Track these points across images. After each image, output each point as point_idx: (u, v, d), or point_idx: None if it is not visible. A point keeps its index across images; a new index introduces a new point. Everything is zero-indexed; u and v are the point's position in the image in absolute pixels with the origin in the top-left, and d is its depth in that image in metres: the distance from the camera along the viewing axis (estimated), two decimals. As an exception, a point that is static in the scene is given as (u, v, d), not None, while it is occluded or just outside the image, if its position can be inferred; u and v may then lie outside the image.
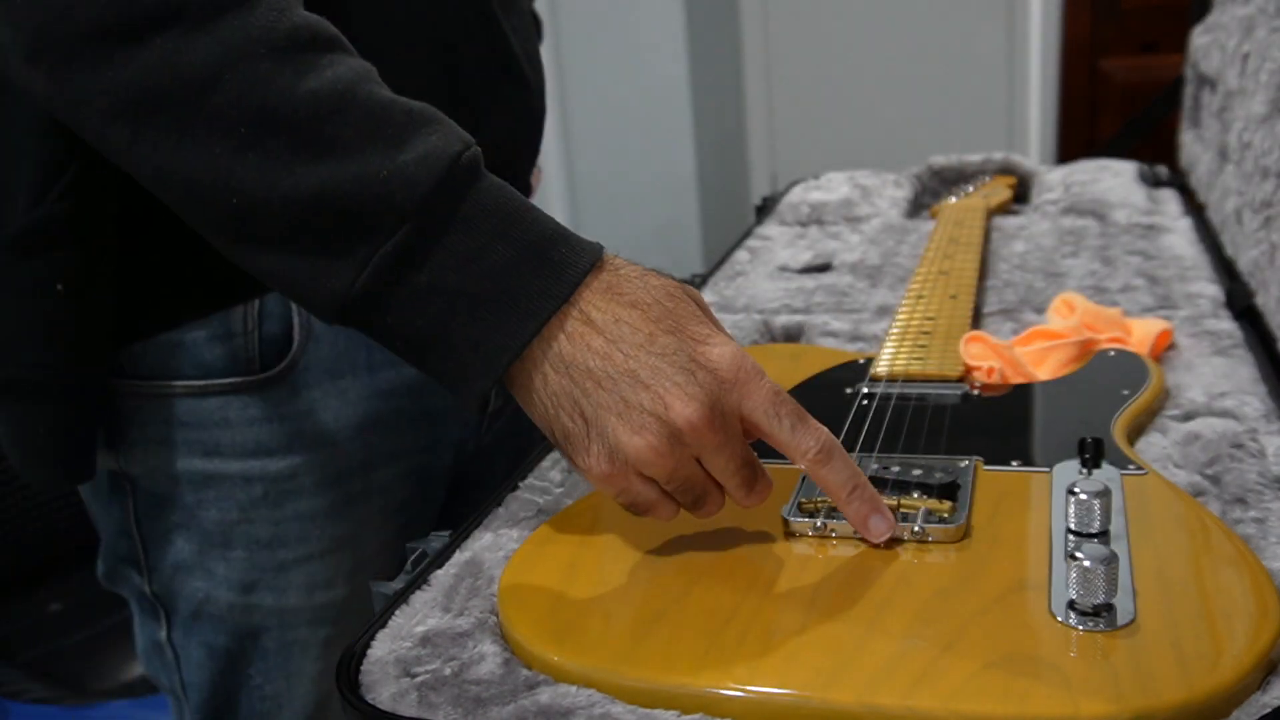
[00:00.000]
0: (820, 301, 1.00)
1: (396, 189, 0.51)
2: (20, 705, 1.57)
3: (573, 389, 0.53)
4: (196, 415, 0.71)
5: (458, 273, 0.52)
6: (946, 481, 0.59)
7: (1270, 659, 0.45)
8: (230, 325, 0.70)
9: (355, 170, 0.51)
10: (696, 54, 3.15)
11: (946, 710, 0.43)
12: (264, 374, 0.71)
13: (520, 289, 0.52)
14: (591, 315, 0.53)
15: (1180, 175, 1.36)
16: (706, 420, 0.51)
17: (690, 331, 0.53)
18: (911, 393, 0.72)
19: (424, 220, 0.52)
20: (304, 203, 0.52)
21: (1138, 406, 0.68)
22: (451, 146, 0.53)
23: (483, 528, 0.64)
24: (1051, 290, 0.96)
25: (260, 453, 0.72)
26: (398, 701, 0.49)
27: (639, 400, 0.51)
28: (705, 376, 0.52)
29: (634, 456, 0.52)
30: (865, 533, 0.54)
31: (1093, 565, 0.47)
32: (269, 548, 0.74)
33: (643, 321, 0.53)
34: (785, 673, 0.46)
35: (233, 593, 0.74)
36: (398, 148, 0.52)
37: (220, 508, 0.73)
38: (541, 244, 0.53)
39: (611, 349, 0.52)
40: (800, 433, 0.53)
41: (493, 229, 0.53)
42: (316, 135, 0.52)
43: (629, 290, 0.54)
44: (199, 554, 0.74)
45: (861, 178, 1.40)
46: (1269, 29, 0.96)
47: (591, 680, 0.48)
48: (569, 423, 0.53)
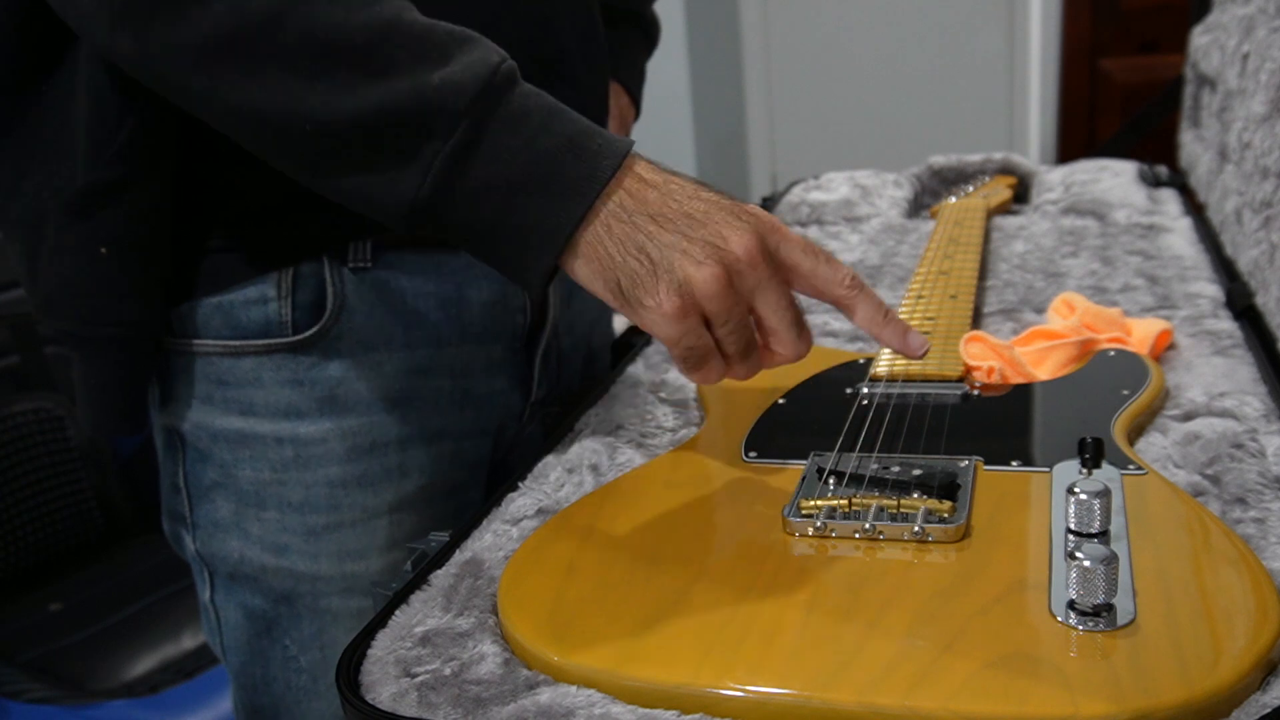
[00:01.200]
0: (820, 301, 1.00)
1: (447, 95, 0.57)
2: (20, 705, 1.57)
3: (637, 233, 0.58)
4: (233, 374, 0.74)
5: (509, 164, 0.58)
6: (946, 481, 0.59)
7: (1270, 659, 0.45)
8: (266, 290, 0.73)
9: (409, 84, 0.57)
10: (696, 54, 3.15)
11: (946, 710, 0.43)
12: (296, 337, 0.74)
13: (565, 173, 0.58)
14: (644, 175, 0.59)
15: (1180, 175, 1.36)
16: (759, 250, 0.58)
17: (726, 195, 0.60)
18: (911, 393, 0.72)
19: (474, 119, 0.58)
20: (368, 118, 0.58)
21: (1138, 406, 0.68)
22: (490, 57, 0.59)
23: (483, 528, 0.64)
24: (1051, 290, 0.96)
25: (291, 415, 0.75)
26: (398, 701, 0.49)
27: (699, 235, 0.58)
28: (750, 218, 0.59)
29: (700, 287, 0.57)
30: (907, 349, 0.64)
31: (1093, 565, 0.47)
32: (299, 511, 0.76)
33: (686, 183, 0.60)
34: (785, 672, 0.46)
35: (266, 554, 0.77)
36: (444, 62, 0.58)
37: (254, 467, 0.75)
38: (580, 136, 0.59)
39: (666, 199, 0.59)
40: (836, 266, 0.62)
41: (536, 125, 0.59)
42: (373, 59, 0.58)
43: (669, 170, 0.61)
44: (235, 513, 0.77)
45: (861, 178, 1.40)
46: (1269, 29, 0.96)
47: (591, 680, 0.48)
48: (636, 265, 0.58)
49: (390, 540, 0.78)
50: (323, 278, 0.74)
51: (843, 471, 0.61)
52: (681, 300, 0.57)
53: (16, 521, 1.74)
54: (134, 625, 1.69)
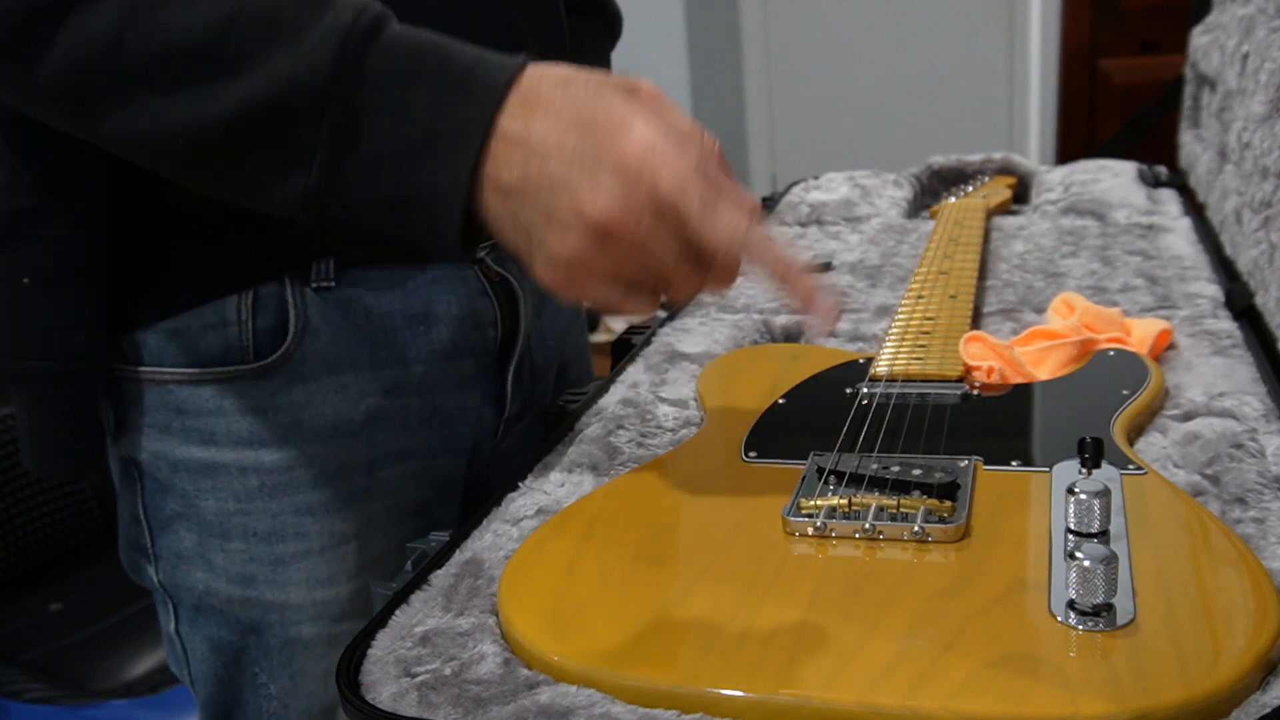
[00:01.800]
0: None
1: (304, 76, 0.53)
2: (20, 705, 1.57)
3: (504, 207, 0.54)
4: (193, 403, 0.72)
5: (390, 132, 0.54)
6: (946, 481, 0.59)
7: (1270, 659, 0.45)
8: (225, 314, 0.70)
9: (264, 74, 0.54)
10: (696, 54, 3.15)
11: (946, 710, 0.43)
12: (258, 364, 0.71)
13: (448, 125, 0.54)
14: (508, 130, 0.53)
15: (1180, 175, 1.36)
16: (621, 215, 0.51)
17: (602, 124, 0.52)
18: (911, 392, 0.72)
19: (339, 95, 0.54)
20: (235, 120, 0.54)
21: (1137, 406, 0.68)
22: (342, 17, 0.54)
23: (483, 528, 0.64)
24: (1051, 290, 0.96)
25: (255, 443, 0.72)
26: (398, 701, 0.49)
27: (557, 205, 0.52)
28: (609, 172, 0.52)
29: (571, 259, 0.53)
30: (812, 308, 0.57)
31: (1092, 565, 0.47)
32: (267, 541, 0.74)
33: (554, 128, 0.53)
34: (785, 673, 0.46)
35: (232, 585, 0.74)
36: (297, 38, 0.54)
37: (218, 497, 0.73)
38: (457, 75, 0.54)
39: (528, 161, 0.53)
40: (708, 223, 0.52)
41: (405, 78, 0.54)
42: (223, 56, 0.54)
43: (545, 96, 0.54)
44: (199, 544, 0.74)
45: (861, 178, 1.40)
46: (1269, 29, 0.96)
47: (591, 680, 0.48)
48: (515, 238, 0.55)
49: (359, 564, 0.76)
50: (284, 299, 0.71)
51: (842, 471, 0.61)
52: (558, 272, 0.54)
53: (16, 521, 1.74)
54: (134, 625, 1.69)
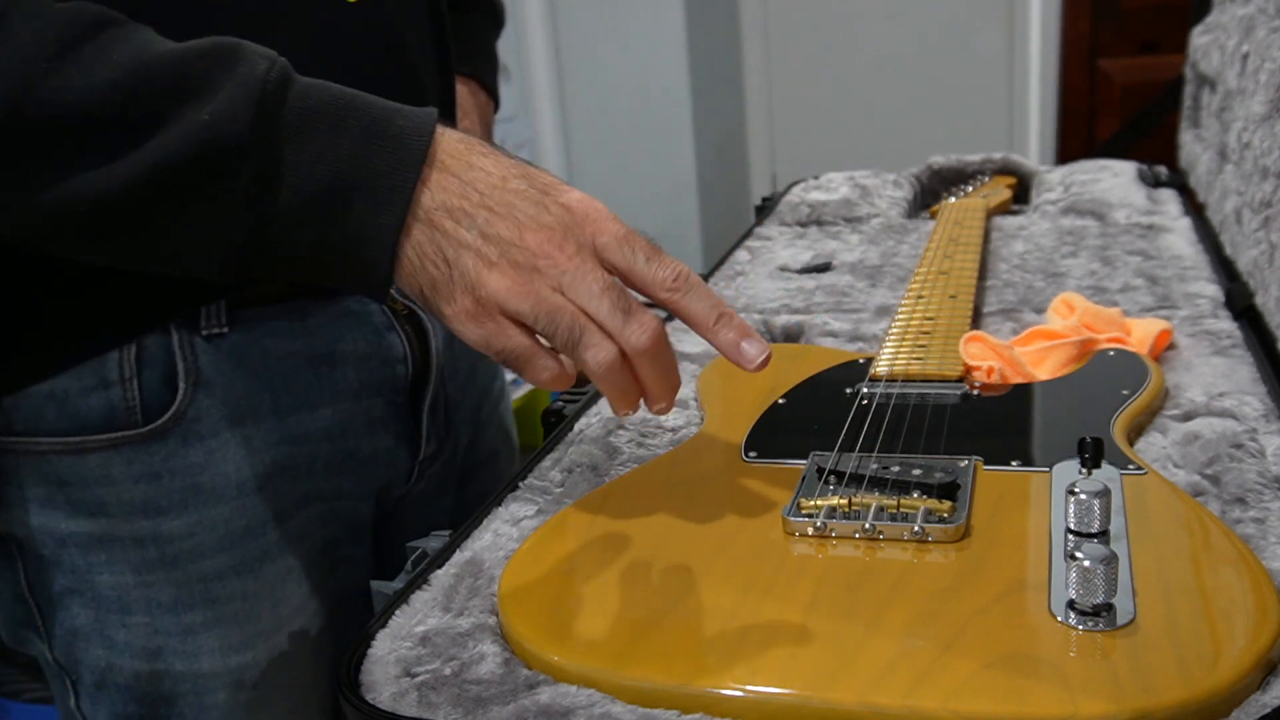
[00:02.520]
0: (820, 301, 1.00)
1: (223, 129, 0.51)
2: (20, 705, 1.56)
3: (433, 234, 0.53)
4: (77, 473, 0.66)
5: (312, 180, 0.53)
6: (946, 481, 0.59)
7: (1270, 659, 0.45)
8: (105, 373, 0.65)
9: (179, 131, 0.51)
10: (696, 54, 3.15)
11: (946, 710, 0.43)
12: (146, 427, 0.65)
13: (375, 171, 0.53)
14: (446, 163, 0.54)
15: (1180, 175, 1.36)
16: (559, 243, 0.53)
17: (541, 180, 0.55)
18: (911, 392, 0.72)
19: (259, 146, 0.52)
20: (145, 181, 0.52)
21: (1137, 406, 0.68)
22: (256, 68, 0.53)
23: (483, 528, 0.64)
24: (1051, 290, 0.96)
25: (151, 512, 0.66)
26: (398, 701, 0.49)
27: (494, 231, 0.53)
28: (557, 209, 0.53)
29: (493, 288, 0.52)
30: (740, 359, 0.55)
31: (1092, 565, 0.47)
32: (172, 612, 0.68)
33: (495, 166, 0.54)
34: (785, 672, 0.46)
35: (138, 660, 0.69)
36: (210, 92, 0.52)
37: (113, 571, 0.67)
38: (378, 124, 0.54)
39: (467, 189, 0.53)
40: (655, 265, 0.54)
41: (328, 127, 0.53)
42: (131, 119, 0.51)
43: (477, 145, 0.55)
44: (96, 620, 0.69)
45: (861, 178, 1.40)
46: (1269, 29, 0.96)
47: (591, 680, 0.48)
48: (434, 270, 0.53)
49: (274, 623, 0.71)
50: (171, 351, 0.65)
51: (842, 471, 0.61)
52: (476, 304, 0.53)
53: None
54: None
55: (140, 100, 0.51)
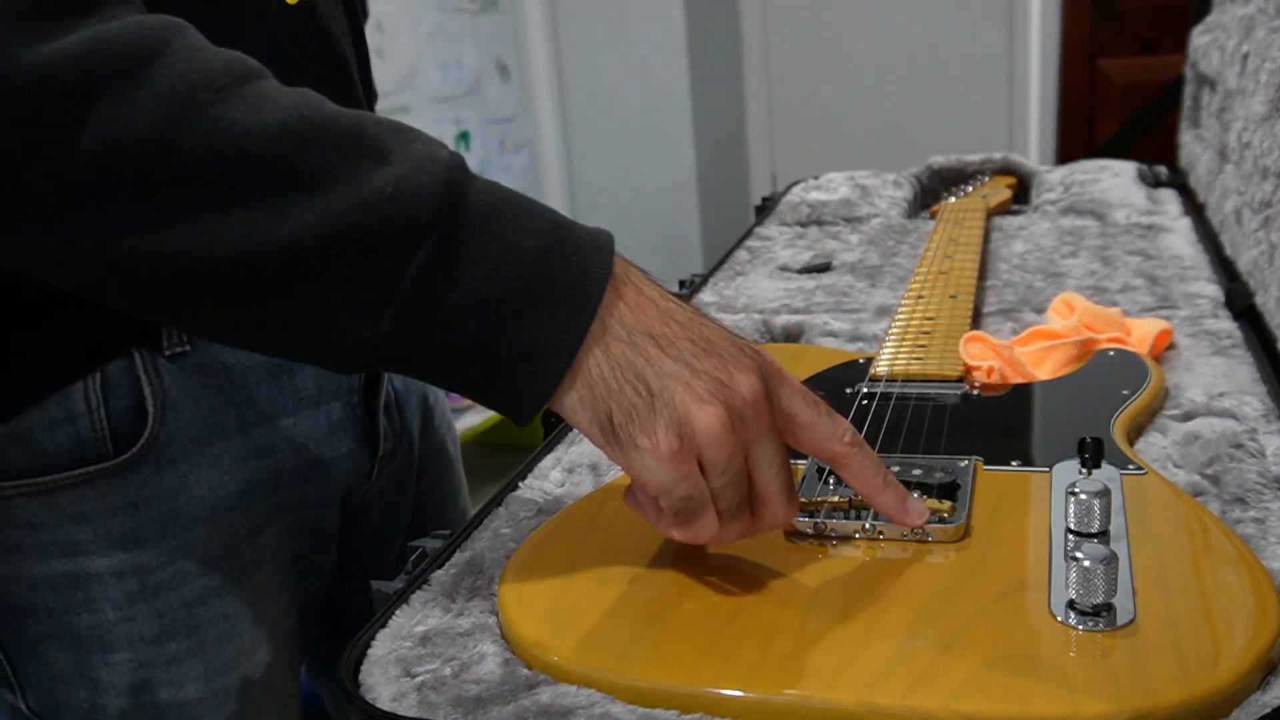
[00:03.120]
0: (820, 301, 1.00)
1: (406, 204, 0.46)
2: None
3: (636, 356, 0.49)
4: (48, 514, 0.63)
5: (490, 279, 0.47)
6: (946, 481, 0.59)
7: (1270, 659, 0.45)
8: (70, 405, 0.62)
9: (355, 195, 0.46)
10: (696, 55, 3.15)
11: (946, 710, 0.43)
12: (119, 458, 0.63)
13: (559, 279, 0.48)
14: (641, 286, 0.51)
15: (1180, 175, 1.36)
16: (764, 395, 0.50)
17: (720, 323, 0.53)
18: (911, 392, 0.72)
19: (442, 230, 0.47)
20: (309, 245, 0.45)
21: (1137, 406, 0.68)
22: (439, 150, 0.49)
23: (483, 528, 0.64)
24: (1051, 290, 0.96)
25: (129, 544, 0.64)
26: (398, 701, 0.49)
27: (704, 366, 0.49)
28: (754, 355, 0.51)
29: (702, 427, 0.48)
30: (905, 518, 0.54)
31: (1092, 565, 0.47)
32: (156, 643, 0.66)
33: (679, 301, 0.51)
34: (785, 672, 0.46)
35: (123, 698, 0.67)
36: (387, 161, 0.47)
37: (91, 611, 0.65)
38: (560, 230, 0.50)
39: (666, 316, 0.50)
40: (835, 421, 0.52)
41: (510, 224, 0.48)
42: (300, 168, 0.46)
43: (644, 272, 0.53)
44: (76, 662, 0.66)
45: (861, 178, 1.41)
46: (1269, 29, 0.96)
47: (591, 680, 0.48)
48: (633, 396, 0.49)
49: (255, 639, 0.70)
50: (136, 375, 0.63)
51: (843, 471, 0.61)
52: (680, 441, 0.48)
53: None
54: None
55: (311, 150, 0.46)
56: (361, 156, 0.47)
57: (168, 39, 0.46)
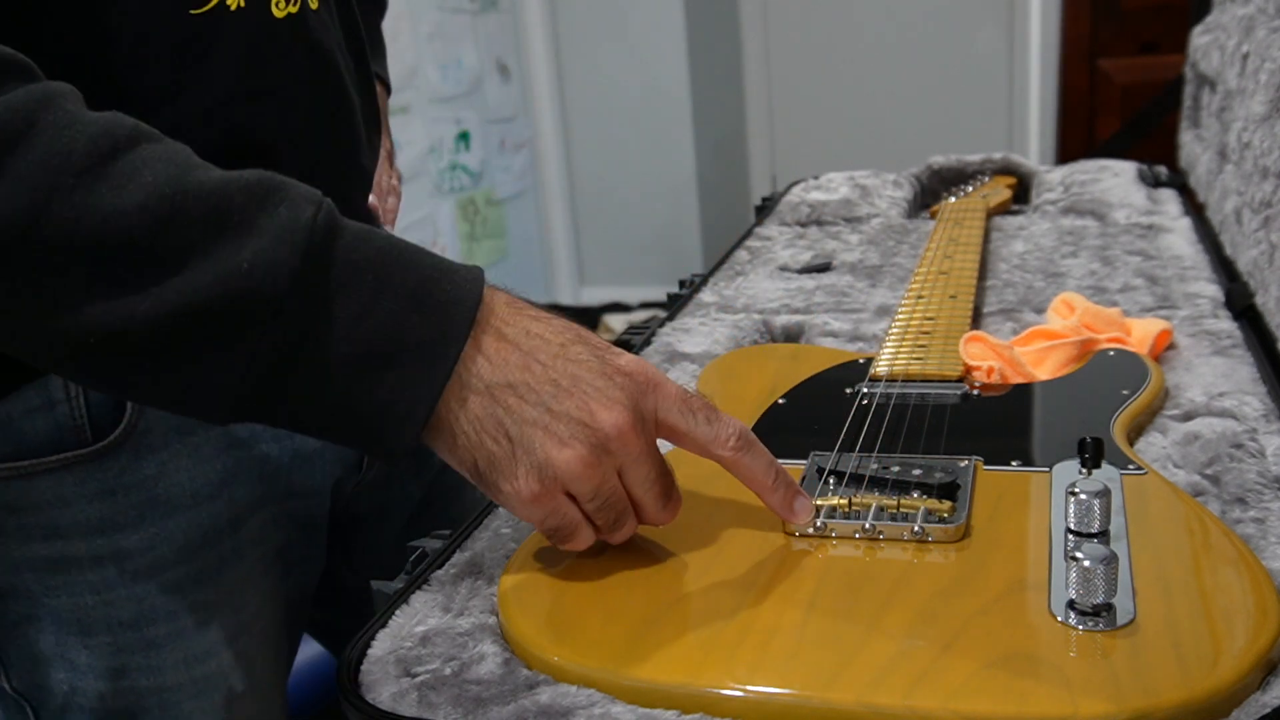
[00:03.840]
0: (820, 301, 1.00)
1: (261, 278, 0.48)
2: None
3: (495, 408, 0.51)
4: (28, 498, 0.64)
5: (348, 341, 0.50)
6: (946, 481, 0.59)
7: (1270, 659, 0.45)
8: (50, 393, 0.62)
9: (213, 271, 0.48)
10: (696, 55, 3.15)
11: (946, 710, 0.43)
12: (98, 444, 0.64)
13: (418, 339, 0.51)
14: (504, 331, 0.52)
15: (1180, 175, 1.36)
16: (631, 425, 0.51)
17: (594, 341, 0.54)
18: (911, 392, 0.72)
19: (298, 301, 0.49)
20: (168, 320, 0.48)
21: (1137, 406, 0.68)
22: (303, 213, 0.50)
23: (483, 528, 0.64)
24: (1051, 290, 0.96)
25: (108, 529, 0.65)
26: (398, 701, 0.49)
27: (564, 409, 0.51)
28: (623, 381, 0.52)
29: (563, 470, 0.51)
30: (791, 517, 0.56)
31: (1092, 565, 0.47)
32: (135, 628, 0.67)
33: (551, 332, 0.53)
34: (785, 672, 0.46)
35: (102, 681, 0.68)
36: (249, 233, 0.48)
37: (71, 593, 0.66)
38: (425, 285, 0.51)
39: (529, 360, 0.52)
40: (717, 425, 0.54)
41: (372, 284, 0.50)
42: (160, 248, 0.48)
43: (526, 308, 0.54)
44: (57, 645, 0.67)
45: (861, 178, 1.41)
46: (1269, 29, 0.96)
47: (591, 680, 0.48)
48: (493, 446, 0.52)
49: (236, 628, 0.70)
50: None
51: (842, 471, 0.61)
52: (541, 484, 0.51)
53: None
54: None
55: (172, 230, 0.48)
56: (224, 230, 0.48)
57: (33, 118, 0.47)
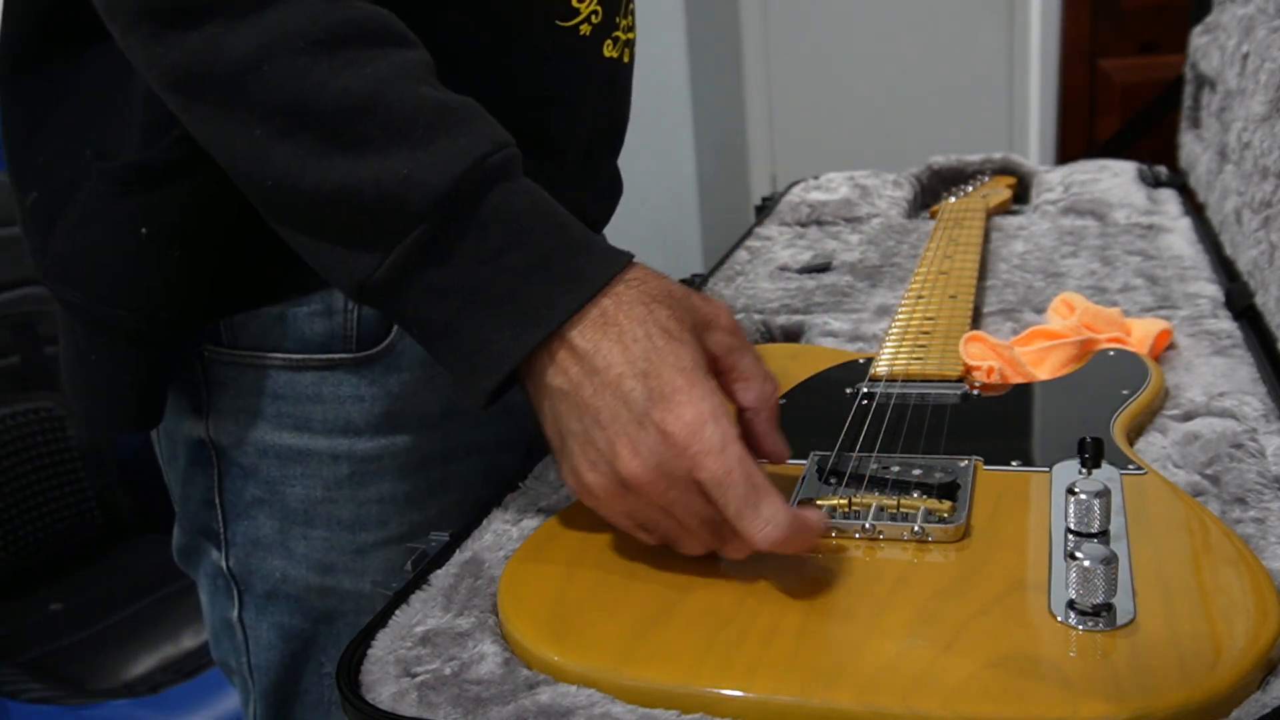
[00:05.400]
0: (820, 301, 1.00)
1: (411, 190, 0.52)
2: (20, 705, 1.56)
3: (552, 407, 0.54)
4: (292, 389, 0.71)
5: (470, 273, 0.53)
6: (946, 481, 0.59)
7: (1270, 659, 0.45)
8: (332, 303, 0.70)
9: (376, 169, 0.53)
10: (696, 55, 3.15)
11: (946, 710, 0.43)
12: (361, 353, 0.71)
13: (529, 296, 0.53)
14: (575, 342, 0.53)
15: (1180, 175, 1.36)
16: (650, 480, 0.51)
17: (663, 381, 0.51)
18: (911, 392, 0.72)
19: (439, 220, 0.53)
20: (327, 195, 0.53)
21: (1137, 406, 0.68)
22: (478, 148, 0.54)
23: (483, 528, 0.64)
24: (1051, 290, 0.96)
25: (350, 431, 0.72)
26: (398, 701, 0.49)
27: (594, 439, 0.52)
28: (655, 437, 0.51)
29: (590, 488, 0.53)
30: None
31: (1092, 565, 0.47)
32: (350, 529, 0.73)
33: (620, 358, 0.52)
34: (785, 673, 0.46)
35: (311, 573, 0.74)
36: (422, 148, 0.53)
37: (305, 485, 0.73)
38: (558, 253, 0.54)
39: (583, 380, 0.53)
40: (748, 519, 0.50)
41: (510, 234, 0.53)
42: (344, 132, 0.53)
43: (626, 316, 0.53)
44: (280, 531, 0.74)
45: (861, 178, 1.40)
46: (1269, 29, 0.96)
47: (591, 680, 0.48)
48: (551, 433, 0.55)
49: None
50: None
51: (842, 471, 0.61)
52: (578, 488, 0.54)
53: (16, 521, 1.74)
54: (134, 625, 1.69)
55: (360, 120, 0.53)
56: (403, 138, 0.53)
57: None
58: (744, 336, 0.57)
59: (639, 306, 0.53)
